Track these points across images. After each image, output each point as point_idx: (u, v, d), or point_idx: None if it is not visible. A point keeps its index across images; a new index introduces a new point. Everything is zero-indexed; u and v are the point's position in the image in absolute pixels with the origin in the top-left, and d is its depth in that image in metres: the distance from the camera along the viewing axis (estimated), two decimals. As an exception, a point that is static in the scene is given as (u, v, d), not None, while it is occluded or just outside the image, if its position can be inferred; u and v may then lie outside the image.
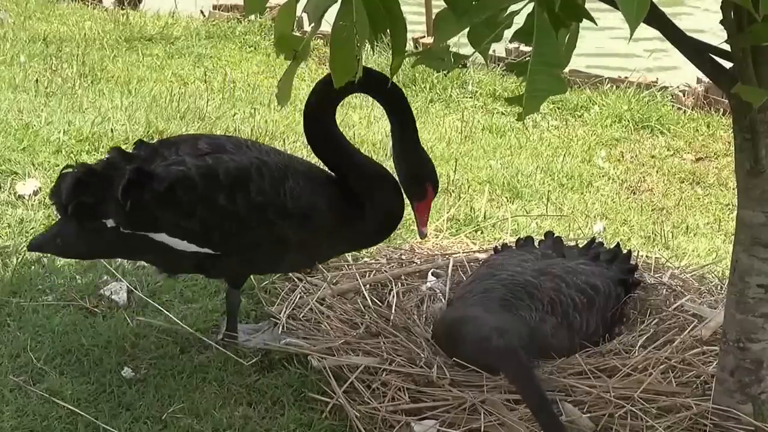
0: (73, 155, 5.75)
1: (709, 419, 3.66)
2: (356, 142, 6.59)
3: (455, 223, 5.50)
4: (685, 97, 8.43)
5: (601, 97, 8.25)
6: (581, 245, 4.74)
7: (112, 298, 4.39)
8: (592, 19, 2.83)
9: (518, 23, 2.82)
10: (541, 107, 3.02)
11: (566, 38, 3.20)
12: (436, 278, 4.70)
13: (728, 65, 3.33)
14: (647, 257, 5.05)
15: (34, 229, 4.88)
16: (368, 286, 4.58)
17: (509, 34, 2.86)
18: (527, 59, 2.80)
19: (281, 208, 3.86)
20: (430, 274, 4.73)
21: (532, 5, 2.76)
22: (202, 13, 9.93)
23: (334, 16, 2.80)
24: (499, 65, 8.66)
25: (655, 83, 8.52)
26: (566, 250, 4.60)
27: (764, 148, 3.40)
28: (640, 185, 6.76)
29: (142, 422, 3.68)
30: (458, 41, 3.01)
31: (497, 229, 5.50)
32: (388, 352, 4.00)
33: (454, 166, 6.35)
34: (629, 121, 7.92)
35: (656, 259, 5.02)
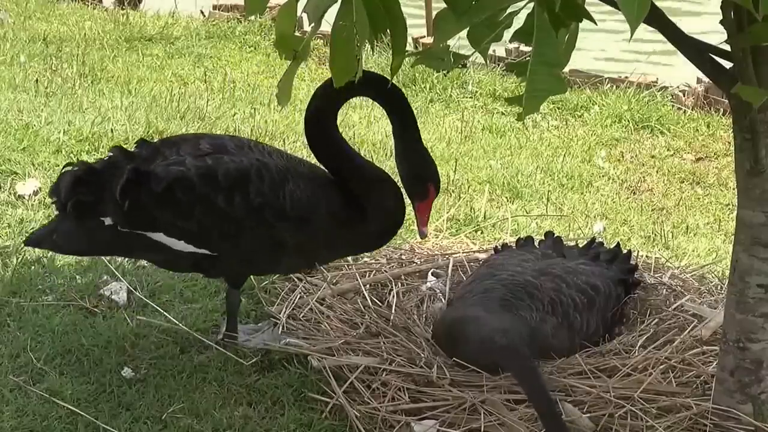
0: (73, 155, 5.75)
1: (709, 419, 3.66)
2: (356, 142, 6.60)
3: (455, 223, 5.50)
4: (685, 97, 8.42)
5: (601, 97, 8.24)
6: (581, 245, 4.74)
7: (112, 298, 4.39)
8: (592, 18, 2.84)
9: (518, 23, 2.82)
10: (541, 107, 3.02)
11: (566, 38, 3.21)
12: (436, 278, 4.70)
13: (728, 65, 3.33)
14: (647, 257, 5.05)
15: (34, 229, 4.84)
16: (368, 286, 4.58)
17: (509, 34, 2.86)
18: (527, 59, 2.81)
19: (280, 210, 3.84)
20: (430, 274, 4.72)
21: (532, 5, 2.76)
22: (202, 13, 9.92)
23: (334, 16, 2.80)
24: (499, 65, 8.65)
25: (655, 83, 8.51)
26: (566, 250, 4.60)
27: (764, 148, 3.40)
28: (640, 185, 6.75)
29: (142, 422, 3.68)
30: (458, 41, 3.01)
31: (497, 229, 5.50)
32: (388, 352, 3.99)
33: (454, 166, 6.34)
34: (629, 121, 7.91)
35: (656, 259, 5.02)
